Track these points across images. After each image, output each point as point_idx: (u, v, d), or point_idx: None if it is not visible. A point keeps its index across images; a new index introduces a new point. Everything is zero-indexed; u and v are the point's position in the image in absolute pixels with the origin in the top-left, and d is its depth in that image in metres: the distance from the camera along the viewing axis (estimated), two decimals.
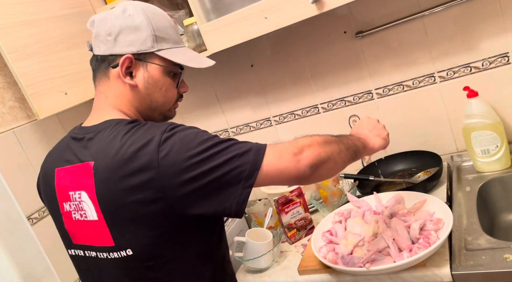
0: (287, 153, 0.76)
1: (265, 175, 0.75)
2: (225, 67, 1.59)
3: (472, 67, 1.28)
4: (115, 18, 0.82)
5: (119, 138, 0.77)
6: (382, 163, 1.44)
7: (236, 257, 1.18)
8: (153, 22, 0.83)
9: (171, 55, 0.85)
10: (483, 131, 1.21)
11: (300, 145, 0.78)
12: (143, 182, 0.73)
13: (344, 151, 0.85)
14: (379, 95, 1.42)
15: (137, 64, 0.84)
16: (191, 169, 0.72)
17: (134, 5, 0.84)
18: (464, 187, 1.21)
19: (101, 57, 0.85)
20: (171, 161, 0.72)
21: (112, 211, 0.77)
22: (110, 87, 0.85)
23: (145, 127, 0.78)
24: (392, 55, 1.35)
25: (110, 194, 0.76)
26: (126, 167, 0.74)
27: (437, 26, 1.27)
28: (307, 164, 0.76)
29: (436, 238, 0.93)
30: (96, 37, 0.84)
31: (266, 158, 0.75)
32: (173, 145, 0.73)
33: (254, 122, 1.63)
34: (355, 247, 1.00)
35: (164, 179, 0.72)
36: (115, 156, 0.75)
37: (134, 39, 0.82)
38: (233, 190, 0.74)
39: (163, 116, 0.91)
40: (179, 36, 0.91)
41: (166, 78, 0.86)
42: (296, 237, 1.25)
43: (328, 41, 1.41)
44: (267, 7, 1.15)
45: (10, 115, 1.47)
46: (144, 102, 0.86)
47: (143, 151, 0.73)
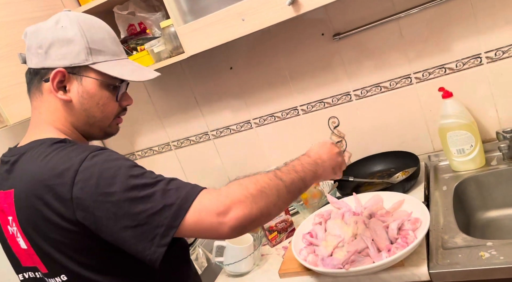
0: (209, 213, 0.68)
1: (184, 232, 0.69)
2: (204, 70, 1.57)
3: (446, 68, 1.30)
4: (47, 30, 0.79)
5: (39, 162, 0.74)
6: (361, 164, 1.45)
7: (217, 261, 1.17)
8: (88, 35, 0.79)
9: (107, 68, 0.81)
10: (458, 131, 1.23)
11: (228, 201, 0.69)
12: (58, 212, 0.70)
13: (285, 197, 0.76)
14: (357, 96, 1.43)
15: (70, 78, 0.80)
16: (105, 208, 0.68)
17: (69, 16, 0.81)
18: (441, 186, 1.23)
19: (34, 70, 0.81)
20: (84, 196, 0.69)
21: (35, 239, 0.75)
22: (44, 102, 0.81)
23: (66, 151, 0.74)
24: (369, 56, 1.37)
25: (30, 222, 0.74)
26: (42, 195, 0.71)
27: (412, 28, 1.29)
28: (231, 226, 0.68)
29: (413, 238, 0.94)
30: (29, 50, 0.81)
31: (189, 216, 0.68)
32: (90, 177, 0.69)
33: (234, 125, 1.62)
34: (335, 248, 1.00)
35: (77, 212, 0.69)
36: (31, 183, 0.72)
37: (66, 52, 0.78)
38: (147, 246, 0.69)
39: (103, 132, 0.87)
40: (120, 48, 0.87)
41: (104, 92, 0.82)
42: (277, 239, 1.25)
43: (306, 43, 1.42)
44: (244, 9, 1.14)
45: None
46: (80, 118, 0.82)
47: (59, 181, 0.70)
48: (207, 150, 1.69)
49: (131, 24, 1.49)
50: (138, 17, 1.45)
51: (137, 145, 1.81)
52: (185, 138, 1.71)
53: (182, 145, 1.73)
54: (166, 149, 1.76)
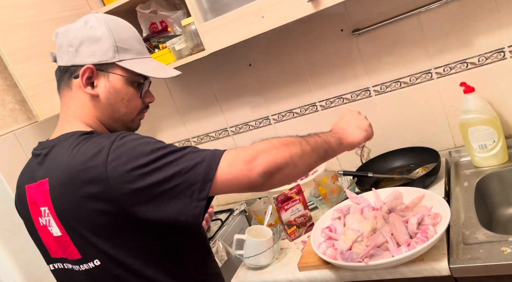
0: (238, 161, 0.73)
1: (219, 185, 0.73)
2: (223, 67, 1.60)
3: (468, 63, 1.29)
4: (77, 30, 0.84)
5: (70, 151, 0.78)
6: (380, 159, 1.45)
7: (237, 254, 1.19)
8: (115, 34, 0.84)
9: (133, 66, 0.85)
10: (480, 126, 1.22)
11: (254, 151, 0.75)
12: (94, 194, 0.74)
13: (309, 153, 0.80)
14: (376, 92, 1.43)
15: (98, 75, 0.84)
16: (141, 180, 0.72)
17: (97, 17, 0.86)
18: (462, 182, 1.22)
19: (64, 68, 0.86)
20: (119, 172, 0.72)
21: (72, 224, 0.78)
22: (72, 98, 0.86)
23: (95, 138, 0.78)
24: (389, 52, 1.36)
25: (67, 208, 0.77)
26: (77, 180, 0.74)
27: (433, 23, 1.28)
28: (259, 172, 0.73)
29: (433, 233, 0.94)
30: (59, 48, 0.86)
31: (220, 168, 0.73)
32: (121, 155, 0.73)
33: (253, 121, 1.64)
34: (354, 242, 1.01)
35: (114, 190, 0.73)
36: (66, 170, 0.76)
37: (95, 50, 0.83)
38: (187, 202, 0.72)
39: (125, 127, 0.91)
40: (144, 47, 0.91)
41: (129, 88, 0.86)
42: (296, 234, 1.26)
43: (325, 39, 1.42)
44: (263, 6, 1.16)
45: (11, 117, 1.48)
46: (106, 112, 0.86)
47: (92, 163, 0.74)
48: (227, 146, 1.72)
49: (152, 23, 1.52)
50: (160, 16, 1.48)
51: None
52: (205, 134, 1.74)
53: (202, 141, 1.76)
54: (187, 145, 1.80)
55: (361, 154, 1.52)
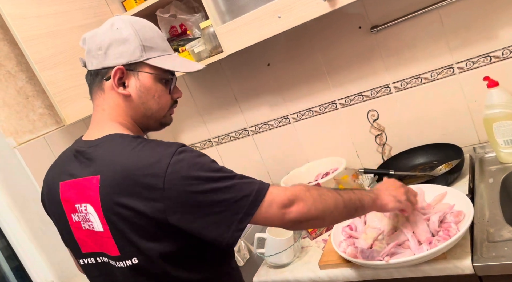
0: (276, 204, 0.79)
1: (256, 220, 0.79)
2: (242, 67, 1.61)
3: (491, 57, 1.26)
4: (104, 33, 0.86)
5: (126, 154, 0.80)
6: (402, 156, 1.43)
7: (258, 253, 1.21)
8: (141, 33, 0.86)
9: (160, 62, 0.88)
10: (505, 121, 1.19)
11: (293, 197, 0.80)
12: (147, 199, 0.77)
13: (341, 208, 0.85)
14: (396, 88, 1.41)
15: (128, 74, 0.86)
16: (192, 199, 0.76)
17: (122, 19, 0.88)
18: (487, 179, 1.19)
19: (95, 71, 0.88)
20: (175, 187, 0.76)
21: (116, 222, 0.81)
22: (106, 100, 0.88)
23: (152, 144, 0.81)
24: (409, 48, 1.35)
25: (114, 207, 0.80)
26: (134, 182, 0.77)
27: (454, 16, 1.26)
28: (292, 218, 0.80)
29: (456, 231, 0.93)
30: (88, 53, 0.88)
31: (261, 206, 0.78)
32: (181, 170, 0.76)
33: (272, 120, 1.65)
34: (374, 241, 1.01)
35: (166, 201, 0.76)
36: (122, 171, 0.79)
37: (123, 51, 0.85)
38: (226, 230, 0.77)
39: (159, 123, 0.93)
40: (168, 45, 0.93)
41: (158, 85, 0.89)
42: (316, 232, 1.26)
43: (343, 36, 1.42)
44: (280, 6, 1.16)
45: (41, 121, 1.55)
46: (139, 111, 0.89)
47: (151, 171, 0.76)
48: (247, 145, 1.74)
49: (172, 26, 1.56)
50: (179, 19, 1.51)
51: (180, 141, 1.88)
52: (225, 134, 1.77)
53: (223, 141, 1.78)
54: (208, 145, 1.83)
55: (382, 151, 1.51)
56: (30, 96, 1.53)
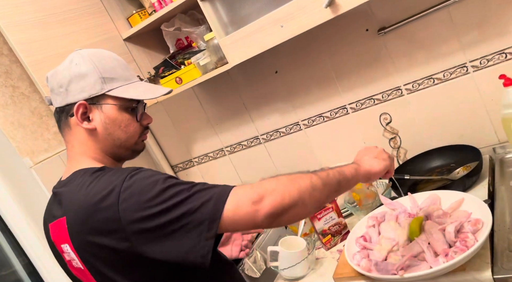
0: (244, 202, 0.74)
1: (227, 224, 0.74)
2: (250, 76, 1.60)
3: (507, 53, 1.20)
4: (64, 70, 0.87)
5: (84, 189, 0.80)
6: (418, 160, 1.39)
7: (272, 266, 1.19)
8: (100, 66, 0.86)
9: (122, 92, 0.87)
10: None
11: (261, 190, 0.74)
12: (108, 232, 0.76)
13: (320, 187, 0.79)
14: (408, 90, 1.37)
15: (91, 108, 0.87)
16: (150, 220, 0.74)
17: (81, 54, 0.88)
18: (508, 181, 1.14)
19: (60, 109, 0.89)
20: (130, 212, 0.74)
21: (89, 260, 0.81)
22: (73, 135, 0.89)
23: (108, 175, 0.80)
24: (419, 48, 1.30)
25: (84, 245, 0.80)
26: (92, 218, 0.77)
27: (464, 13, 1.21)
28: (266, 213, 0.73)
29: (474, 241, 0.88)
30: (52, 91, 0.89)
31: (227, 208, 0.73)
32: (132, 195, 0.75)
33: (283, 127, 1.63)
34: (389, 252, 0.98)
35: (126, 230, 0.75)
36: (81, 208, 0.79)
37: (84, 86, 0.85)
38: (195, 242, 0.74)
39: (130, 151, 0.93)
40: (130, 72, 0.92)
41: (124, 115, 0.89)
42: (331, 243, 1.24)
43: (350, 40, 1.38)
44: (282, 16, 1.15)
45: (55, 140, 1.58)
46: (107, 142, 0.89)
47: (105, 203, 0.76)
48: (259, 153, 1.72)
49: (178, 39, 1.56)
50: (184, 32, 1.51)
51: (194, 152, 1.89)
52: (237, 143, 1.76)
53: (235, 150, 1.78)
54: (221, 154, 1.82)
55: (397, 155, 1.47)
56: (44, 116, 1.57)
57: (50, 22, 1.29)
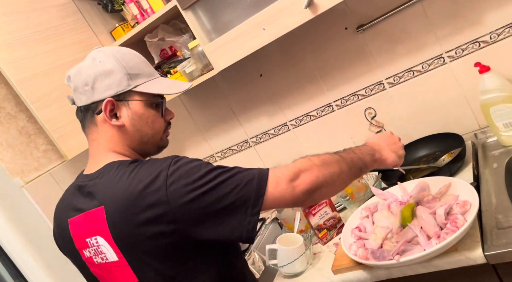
0: (283, 180, 0.79)
1: (269, 201, 0.79)
2: (236, 81, 1.63)
3: (480, 42, 1.26)
4: (87, 68, 0.87)
5: (125, 179, 0.81)
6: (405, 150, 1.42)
7: (271, 264, 1.21)
8: (124, 63, 0.87)
9: (148, 88, 0.89)
10: (501, 105, 1.18)
11: (297, 169, 0.81)
12: (155, 217, 0.77)
13: (346, 171, 0.86)
14: (390, 84, 1.42)
15: (119, 105, 0.87)
16: (199, 200, 0.76)
17: (103, 51, 0.89)
18: (491, 164, 1.18)
19: (84, 107, 0.89)
20: (179, 194, 0.76)
21: (130, 249, 0.82)
22: (100, 133, 0.89)
23: (148, 164, 0.82)
24: (397, 43, 1.35)
25: (125, 233, 0.80)
26: (137, 205, 0.78)
27: (438, 7, 1.26)
28: (302, 190, 0.79)
29: (463, 221, 0.92)
30: (76, 90, 0.89)
31: (269, 186, 0.78)
32: (180, 178, 0.77)
33: (272, 129, 1.66)
34: (384, 240, 1.01)
35: (175, 211, 0.76)
36: (124, 197, 0.79)
37: (110, 83, 0.86)
38: (241, 218, 0.78)
39: (156, 147, 0.94)
40: (152, 69, 0.94)
41: (150, 111, 0.90)
42: (327, 237, 1.26)
43: (331, 39, 1.43)
44: (263, 19, 1.18)
45: (45, 158, 1.57)
46: (134, 139, 0.90)
47: (151, 188, 0.77)
48: (250, 157, 1.74)
49: (162, 49, 1.58)
50: (168, 42, 1.54)
51: None
52: (228, 148, 1.78)
53: (226, 155, 1.80)
54: (212, 161, 1.84)
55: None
56: (32, 135, 1.56)
57: (35, 39, 1.30)
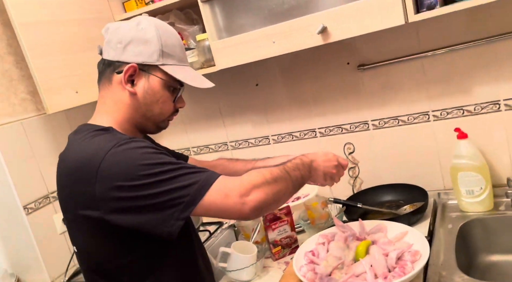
0: (234, 193, 0.79)
1: (206, 210, 0.78)
2: (231, 83, 1.65)
3: (464, 110, 1.34)
4: (128, 29, 0.88)
5: (75, 147, 0.85)
6: (371, 192, 1.48)
7: (220, 267, 1.22)
8: (163, 39, 0.89)
9: (174, 71, 0.90)
10: (469, 172, 1.26)
11: (250, 185, 0.80)
12: (82, 192, 0.79)
13: (291, 189, 0.89)
14: (374, 126, 1.48)
15: (140, 74, 0.89)
16: (129, 190, 0.76)
17: (149, 20, 0.90)
18: (447, 224, 1.25)
19: (108, 62, 0.90)
20: (109, 178, 0.77)
21: (63, 211, 0.87)
22: (110, 92, 0.90)
23: (100, 138, 0.83)
24: (391, 90, 1.42)
25: (61, 196, 0.86)
26: (71, 174, 0.81)
27: (435, 68, 1.34)
28: (251, 207, 0.79)
29: (411, 269, 0.97)
30: (108, 43, 0.90)
31: (210, 195, 0.77)
32: (117, 162, 0.77)
33: (253, 139, 1.69)
34: (334, 269, 1.04)
35: (98, 194, 0.77)
36: (67, 163, 0.84)
37: (142, 51, 0.87)
38: (166, 219, 0.77)
39: (156, 126, 0.95)
40: (185, 56, 0.96)
41: (165, 92, 0.91)
42: (280, 254, 1.29)
43: (332, 69, 1.48)
44: (276, 32, 1.22)
45: (21, 106, 1.53)
46: (139, 110, 0.90)
47: (86, 163, 0.79)
48: None
49: None
50: (177, 28, 1.54)
51: None
52: (205, 146, 1.78)
53: (201, 152, 1.80)
54: (186, 154, 1.83)
55: (353, 184, 1.57)
56: (14, 80, 1.51)
57: None
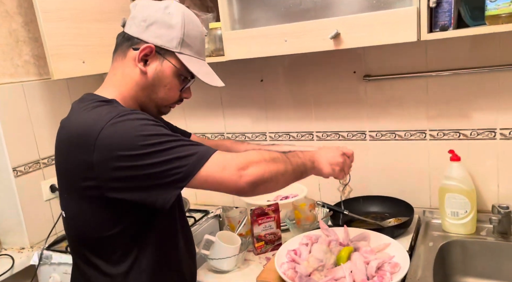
0: (231, 166, 0.80)
1: (203, 181, 0.79)
2: (236, 75, 1.66)
3: (461, 133, 1.37)
4: (155, 10, 0.90)
5: (76, 115, 0.86)
6: (359, 201, 1.50)
7: (202, 254, 1.23)
8: (187, 28, 0.90)
9: (189, 62, 0.91)
10: (457, 195, 1.28)
11: (247, 160, 0.82)
12: (79, 160, 0.80)
13: (290, 172, 0.89)
14: (371, 137, 1.50)
15: (155, 56, 0.90)
16: (127, 160, 0.77)
17: (177, 6, 0.91)
18: (428, 242, 1.27)
19: (128, 36, 0.91)
20: (108, 148, 0.78)
21: (58, 177, 0.90)
22: (122, 66, 0.92)
23: (102, 108, 0.84)
24: (392, 104, 1.44)
25: (57, 162, 0.88)
26: (70, 142, 0.83)
27: (439, 89, 1.36)
28: (248, 181, 0.81)
29: (389, 280, 0.99)
30: (132, 19, 0.92)
31: (208, 166, 0.79)
32: (116, 133, 0.78)
33: (250, 133, 1.69)
34: (314, 270, 1.05)
35: (97, 162, 0.78)
36: (67, 129, 0.85)
37: (163, 34, 0.89)
38: (163, 188, 0.79)
39: (157, 109, 0.96)
40: (204, 50, 0.97)
41: (174, 79, 0.92)
42: (262, 249, 1.30)
43: (337, 75, 1.49)
44: (289, 31, 1.22)
45: (24, 68, 1.52)
46: (145, 90, 0.92)
47: (86, 132, 0.80)
48: None
49: None
50: None
51: None
52: (202, 134, 1.79)
53: None
54: None
55: (342, 191, 1.58)
56: (20, 41, 1.50)
57: None
